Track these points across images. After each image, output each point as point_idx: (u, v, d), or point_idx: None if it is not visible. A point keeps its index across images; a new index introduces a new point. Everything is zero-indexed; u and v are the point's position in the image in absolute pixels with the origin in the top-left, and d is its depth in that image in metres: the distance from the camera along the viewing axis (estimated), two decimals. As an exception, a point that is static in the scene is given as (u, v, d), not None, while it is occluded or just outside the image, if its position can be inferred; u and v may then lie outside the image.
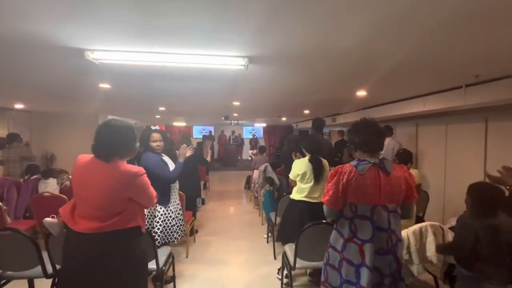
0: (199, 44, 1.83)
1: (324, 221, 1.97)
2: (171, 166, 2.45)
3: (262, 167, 4.48)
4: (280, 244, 2.98)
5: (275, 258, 3.14)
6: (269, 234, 3.67)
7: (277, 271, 2.77)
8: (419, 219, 3.01)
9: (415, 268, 1.94)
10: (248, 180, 7.10)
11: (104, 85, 3.22)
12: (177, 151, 2.59)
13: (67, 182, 3.64)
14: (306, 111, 6.22)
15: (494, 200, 1.55)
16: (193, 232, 3.57)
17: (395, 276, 1.46)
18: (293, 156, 3.01)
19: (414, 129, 4.67)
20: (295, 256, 2.09)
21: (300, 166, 2.52)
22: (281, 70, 2.51)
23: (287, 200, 2.79)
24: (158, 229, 2.28)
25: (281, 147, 9.64)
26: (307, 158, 2.53)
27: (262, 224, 4.36)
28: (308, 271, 2.69)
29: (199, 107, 5.69)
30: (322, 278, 1.59)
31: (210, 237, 3.81)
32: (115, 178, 1.37)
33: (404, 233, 2.02)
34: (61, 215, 1.42)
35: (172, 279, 2.47)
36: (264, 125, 12.89)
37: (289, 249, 2.33)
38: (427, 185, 4.20)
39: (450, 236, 1.96)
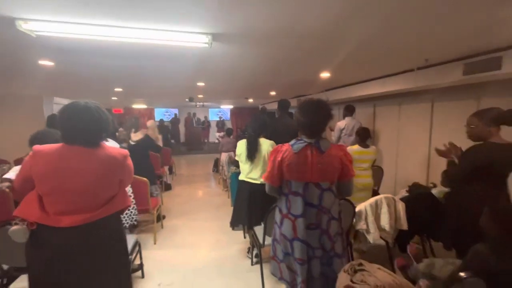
0: (158, 18, 1.68)
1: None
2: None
3: (225, 157, 4.52)
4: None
5: (244, 237, 3.23)
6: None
7: (247, 250, 2.86)
8: (375, 192, 3.30)
9: (371, 236, 2.14)
10: (216, 162, 7.05)
11: (46, 62, 2.82)
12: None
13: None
14: (273, 93, 6.24)
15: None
16: (160, 218, 3.49)
17: (330, 253, 1.51)
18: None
19: (372, 109, 4.99)
20: (264, 234, 2.17)
21: (239, 146, 2.55)
22: (247, 50, 2.43)
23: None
24: None
25: (247, 129, 9.70)
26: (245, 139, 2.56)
27: (231, 206, 4.42)
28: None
29: (161, 88, 5.36)
30: (271, 253, 1.68)
31: (178, 222, 3.76)
32: (106, 162, 1.31)
33: (362, 206, 2.20)
34: (29, 216, 1.23)
35: (140, 267, 2.41)
36: (231, 107, 12.70)
37: (258, 228, 2.40)
38: (382, 161, 4.59)
39: (401, 206, 2.18)
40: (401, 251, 2.33)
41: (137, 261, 2.39)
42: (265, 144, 2.48)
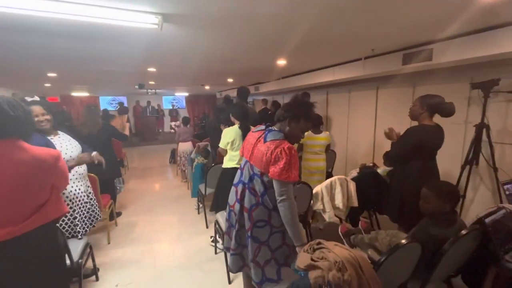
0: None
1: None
2: (70, 146, 2.06)
3: (183, 147, 4.38)
4: (211, 213, 3.02)
5: (207, 227, 3.20)
6: (200, 205, 3.67)
7: (211, 239, 2.84)
8: (329, 175, 3.54)
9: (327, 215, 2.31)
10: (173, 153, 6.74)
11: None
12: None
13: None
14: (230, 80, 6.12)
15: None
16: (113, 216, 3.23)
17: (247, 233, 1.54)
18: (222, 128, 2.98)
19: (325, 96, 5.26)
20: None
21: (230, 134, 2.52)
22: (201, 33, 2.31)
23: (216, 171, 2.79)
24: (60, 224, 1.98)
25: (206, 117, 9.40)
26: (236, 125, 2.54)
27: (192, 197, 4.31)
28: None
29: (105, 73, 4.82)
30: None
31: (135, 218, 3.54)
32: (30, 166, 1.11)
33: (318, 188, 2.34)
34: None
35: (93, 271, 2.22)
36: (186, 94, 12.12)
37: (221, 216, 2.39)
38: (334, 145, 4.93)
39: (352, 186, 2.38)
40: (352, 226, 2.57)
41: (90, 265, 2.20)
42: None
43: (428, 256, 1.42)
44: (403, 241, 1.33)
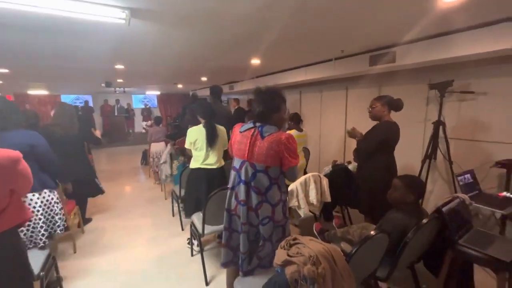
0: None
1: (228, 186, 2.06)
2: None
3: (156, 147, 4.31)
4: (186, 215, 2.95)
5: (182, 229, 3.13)
6: (174, 207, 3.58)
7: (187, 241, 2.78)
8: (304, 172, 3.64)
9: (302, 211, 2.37)
10: (145, 154, 6.48)
11: None
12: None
13: None
14: (204, 78, 6.02)
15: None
16: (80, 223, 3.03)
17: (257, 231, 1.57)
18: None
19: (298, 95, 5.39)
20: (203, 223, 2.14)
21: (192, 133, 2.47)
22: (171, 30, 2.24)
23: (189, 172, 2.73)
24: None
25: (180, 117, 9.14)
26: (201, 124, 2.50)
27: (166, 199, 4.19)
28: (217, 234, 2.83)
29: (67, 70, 4.49)
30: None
31: (105, 224, 3.35)
32: None
33: (293, 185, 2.40)
34: None
35: (57, 283, 2.06)
36: (158, 93, 11.70)
37: (196, 217, 2.35)
38: (308, 143, 5.07)
39: (325, 182, 2.47)
40: (325, 220, 2.67)
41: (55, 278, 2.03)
42: (221, 130, 2.56)
43: (394, 244, 1.53)
44: (372, 232, 1.42)
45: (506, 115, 2.56)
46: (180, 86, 8.14)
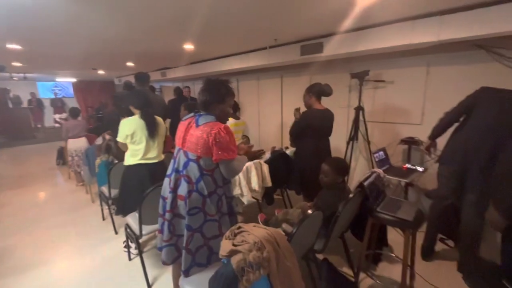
0: None
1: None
2: None
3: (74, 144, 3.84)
4: (119, 217, 2.67)
5: (116, 233, 2.82)
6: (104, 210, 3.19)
7: (123, 244, 2.53)
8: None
9: (245, 199, 2.41)
10: (61, 153, 5.53)
11: None
12: None
13: None
14: (130, 64, 5.38)
15: None
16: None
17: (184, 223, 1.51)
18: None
19: (236, 84, 5.36)
20: (140, 223, 1.96)
21: (128, 125, 2.20)
22: (84, 6, 1.90)
23: (120, 169, 2.44)
24: None
25: (103, 108, 8.04)
26: (137, 115, 2.25)
27: (93, 202, 3.69)
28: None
29: None
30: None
31: (13, 240, 2.76)
32: None
33: (235, 174, 2.40)
34: None
35: None
36: (74, 80, 9.97)
37: (132, 218, 2.15)
38: (248, 131, 5.15)
39: (265, 168, 2.56)
40: (268, 204, 2.80)
41: None
42: (161, 121, 2.41)
43: (327, 219, 1.70)
44: (309, 211, 1.54)
45: (408, 100, 3.09)
46: (101, 72, 7.10)
